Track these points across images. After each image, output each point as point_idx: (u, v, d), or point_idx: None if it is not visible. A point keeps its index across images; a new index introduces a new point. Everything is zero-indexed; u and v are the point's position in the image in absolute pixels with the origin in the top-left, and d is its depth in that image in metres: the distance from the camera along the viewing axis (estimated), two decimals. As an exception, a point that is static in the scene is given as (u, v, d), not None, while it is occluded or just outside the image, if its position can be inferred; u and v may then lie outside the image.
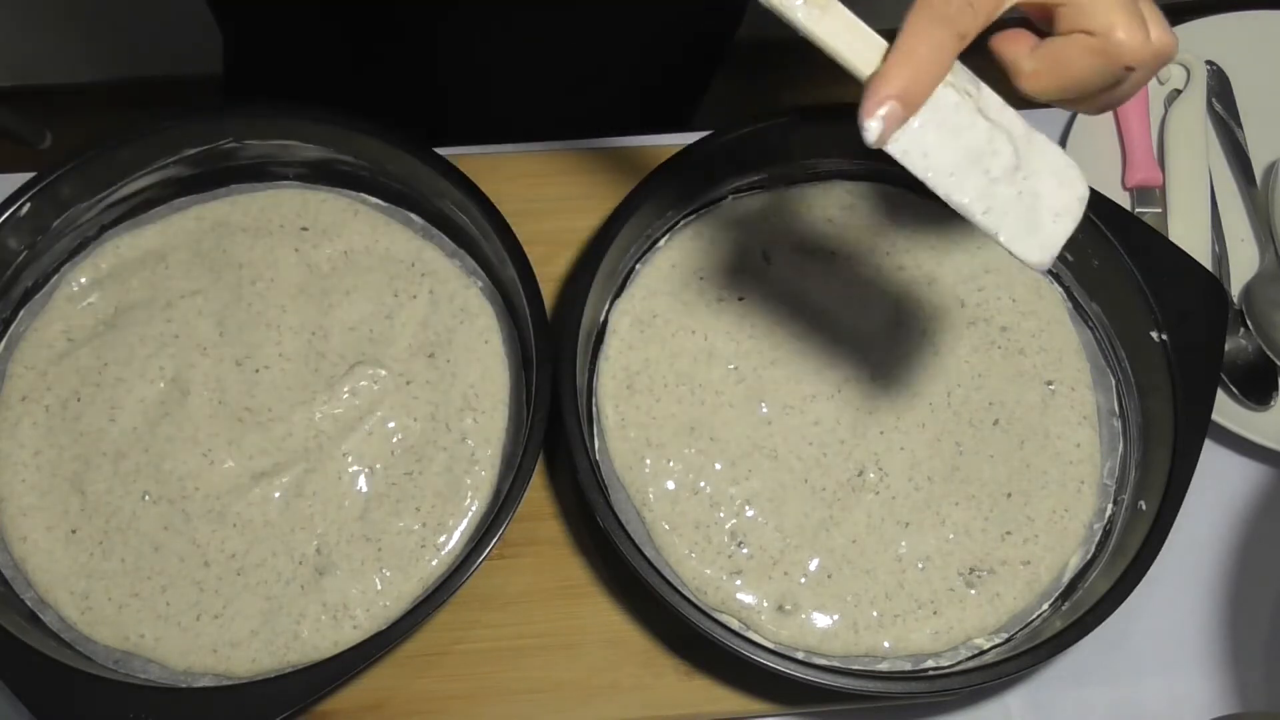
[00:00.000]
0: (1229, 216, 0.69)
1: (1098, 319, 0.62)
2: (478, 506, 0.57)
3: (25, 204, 0.57)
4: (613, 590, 0.58)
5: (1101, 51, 0.40)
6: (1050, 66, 0.41)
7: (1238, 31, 0.73)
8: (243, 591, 0.55)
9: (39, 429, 0.57)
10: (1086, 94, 0.42)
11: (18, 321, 0.60)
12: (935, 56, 0.39)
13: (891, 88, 0.38)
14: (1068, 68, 0.41)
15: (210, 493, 0.56)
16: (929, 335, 0.61)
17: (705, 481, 0.58)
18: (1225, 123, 0.71)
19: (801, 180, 0.64)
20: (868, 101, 0.38)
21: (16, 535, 0.56)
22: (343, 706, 0.56)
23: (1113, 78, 0.41)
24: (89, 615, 0.54)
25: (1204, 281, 0.59)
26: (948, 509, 0.58)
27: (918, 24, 0.39)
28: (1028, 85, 0.42)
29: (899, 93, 0.38)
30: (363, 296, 0.60)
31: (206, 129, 0.59)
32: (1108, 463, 0.59)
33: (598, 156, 0.67)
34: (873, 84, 0.38)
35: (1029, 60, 0.42)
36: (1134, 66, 0.41)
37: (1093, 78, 0.41)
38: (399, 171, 0.60)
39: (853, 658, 0.55)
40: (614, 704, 0.56)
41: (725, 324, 0.61)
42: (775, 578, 0.56)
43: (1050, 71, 0.41)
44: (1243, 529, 0.62)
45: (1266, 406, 0.63)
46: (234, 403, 0.58)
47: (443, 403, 0.58)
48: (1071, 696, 0.59)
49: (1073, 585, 0.57)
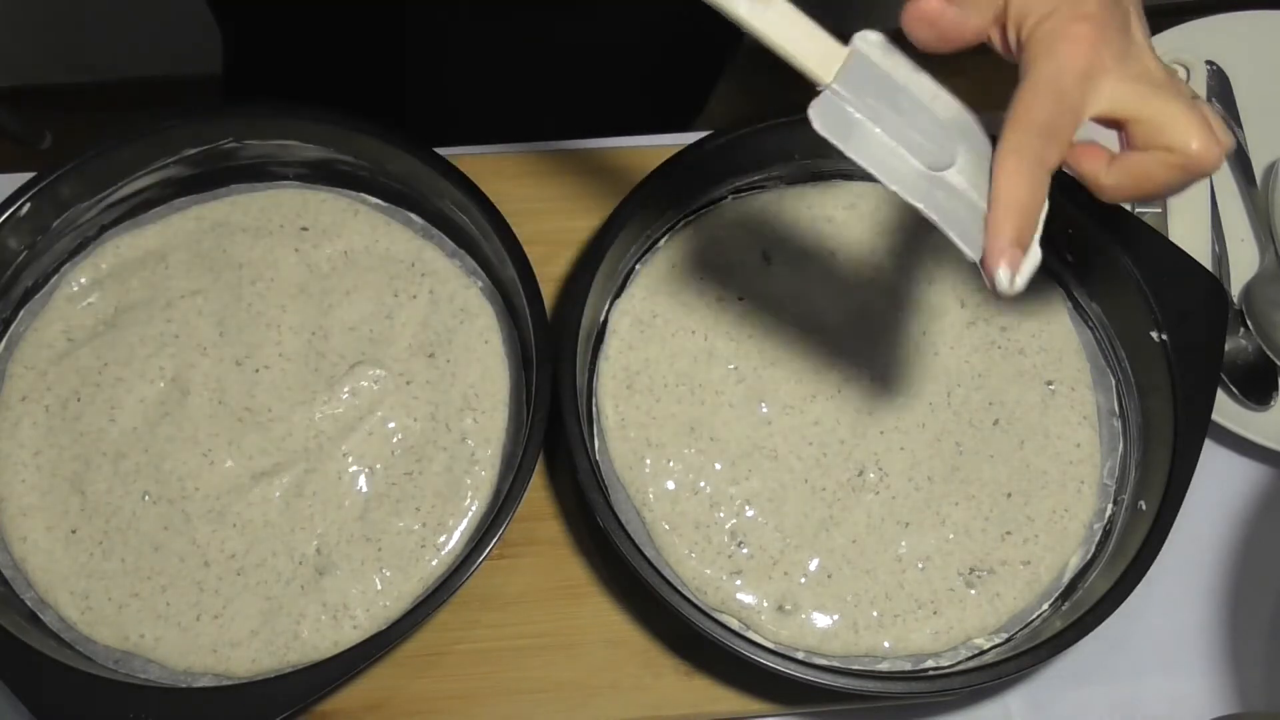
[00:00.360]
0: (1229, 216, 0.69)
1: (1098, 319, 0.62)
2: (478, 506, 0.57)
3: (25, 204, 0.57)
4: (613, 590, 0.58)
5: (1181, 167, 0.43)
6: (1132, 182, 0.44)
7: (1238, 31, 0.73)
8: (243, 591, 0.55)
9: (39, 429, 0.57)
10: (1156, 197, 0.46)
11: (18, 321, 0.60)
12: (1035, 195, 0.41)
13: (1006, 238, 0.40)
14: (1149, 182, 0.43)
15: (210, 493, 0.56)
16: (929, 335, 0.61)
17: (705, 481, 0.58)
18: (1225, 123, 0.71)
19: (801, 180, 0.64)
20: (991, 257, 0.40)
21: (16, 535, 0.56)
22: (343, 706, 0.56)
23: (1187, 184, 0.44)
24: (89, 615, 0.54)
25: (1204, 281, 0.59)
26: (948, 509, 0.58)
27: (1012, 168, 0.41)
28: (1109, 198, 0.44)
29: (1014, 239, 0.40)
30: (363, 296, 0.60)
31: (206, 129, 0.59)
32: (1108, 463, 0.59)
33: (598, 156, 0.67)
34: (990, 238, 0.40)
35: (1109, 176, 0.44)
36: (1209, 173, 0.43)
37: (1169, 188, 0.44)
38: (399, 171, 0.60)
39: (853, 658, 0.55)
40: (614, 704, 0.56)
41: (725, 324, 0.61)
42: (775, 578, 0.56)
43: (1132, 186, 0.44)
44: (1243, 529, 0.63)
45: (1266, 406, 0.63)
46: (234, 403, 0.58)
47: (443, 403, 0.58)
48: (1071, 696, 0.59)
49: (1073, 585, 0.57)
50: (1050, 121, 0.41)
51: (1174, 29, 0.72)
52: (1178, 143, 0.42)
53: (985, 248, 0.41)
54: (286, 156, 0.62)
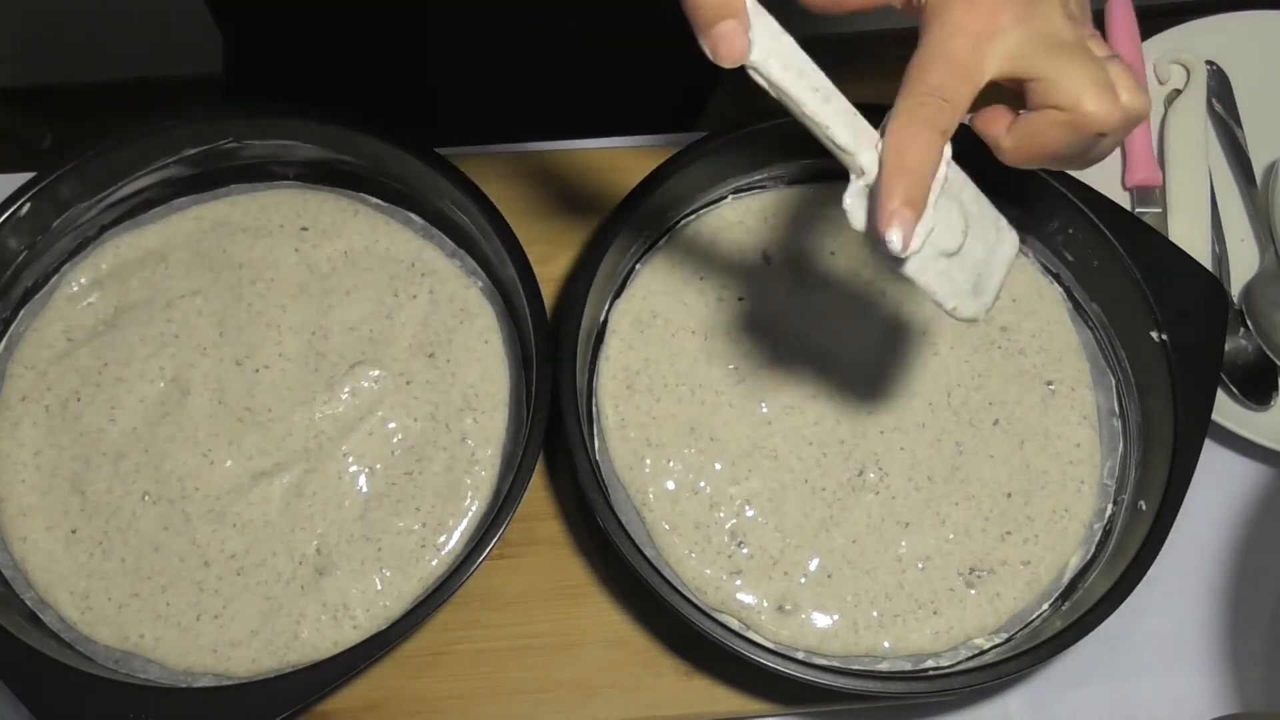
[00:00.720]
0: (1229, 216, 0.69)
1: (1098, 319, 0.62)
2: (478, 506, 0.57)
3: (25, 204, 0.57)
4: (613, 590, 0.58)
5: (1071, 124, 0.42)
6: (1026, 142, 0.43)
7: (1238, 31, 0.73)
8: (243, 591, 0.55)
9: (39, 429, 0.57)
10: (1064, 161, 0.44)
11: (18, 321, 0.60)
12: (925, 157, 0.40)
13: (895, 200, 0.40)
14: (1042, 142, 0.43)
15: (210, 493, 0.56)
16: (929, 335, 0.61)
17: (705, 481, 0.58)
18: (1225, 123, 0.71)
19: (801, 180, 0.64)
20: (880, 217, 0.40)
21: (16, 535, 0.56)
22: (343, 706, 0.56)
23: (1086, 145, 0.43)
24: (89, 615, 0.54)
25: (1204, 281, 0.59)
26: (948, 509, 0.58)
27: (902, 131, 0.40)
28: (1008, 160, 0.44)
29: (903, 201, 0.40)
30: (363, 296, 0.60)
31: (206, 129, 0.59)
32: (1108, 463, 0.59)
33: (598, 156, 0.67)
34: (879, 200, 0.40)
35: (1007, 138, 0.43)
36: (1104, 134, 0.42)
37: (1066, 148, 0.43)
38: (399, 171, 0.60)
39: (853, 658, 0.55)
40: (614, 704, 0.56)
41: (725, 324, 0.61)
42: (775, 578, 0.56)
43: (1027, 147, 0.43)
44: (1243, 529, 0.63)
45: (1266, 406, 0.63)
46: (234, 403, 0.58)
47: (443, 403, 0.58)
48: (1071, 696, 0.59)
49: (1073, 585, 0.57)
50: (941, 85, 0.41)
51: (1174, 29, 0.72)
52: (1068, 100, 0.41)
53: (875, 211, 0.40)
54: (286, 156, 0.62)
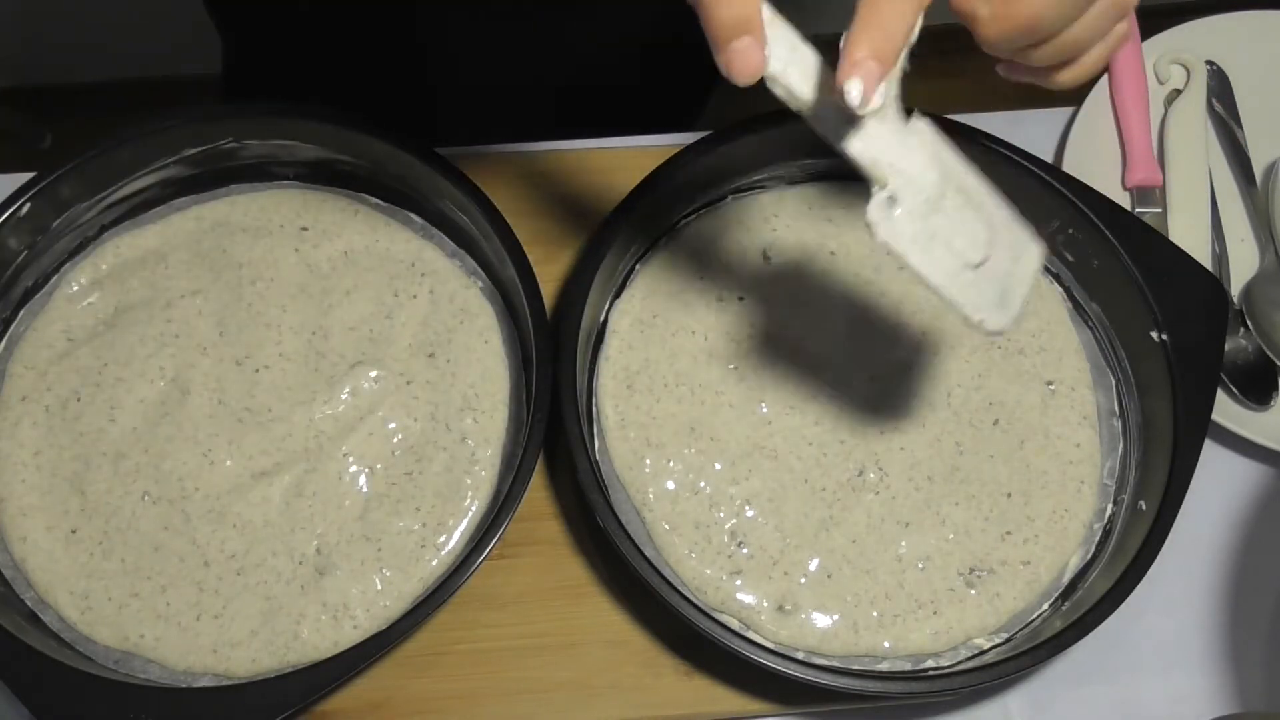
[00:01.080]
0: (1229, 216, 0.69)
1: (1098, 319, 0.62)
2: (478, 506, 0.57)
3: (25, 204, 0.57)
4: (613, 590, 0.58)
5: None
6: (1006, 6, 0.40)
7: (1238, 31, 0.73)
8: (243, 591, 0.55)
9: (39, 429, 0.57)
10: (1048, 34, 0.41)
11: (18, 321, 0.60)
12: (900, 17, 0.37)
13: (861, 50, 0.37)
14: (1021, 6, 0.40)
15: (210, 493, 0.56)
16: (929, 335, 0.61)
17: (705, 481, 0.58)
18: (1225, 123, 0.71)
19: (801, 180, 0.64)
20: (842, 68, 0.37)
21: (16, 535, 0.56)
22: (343, 706, 0.56)
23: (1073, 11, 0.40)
24: (89, 615, 0.54)
25: (1204, 281, 0.59)
26: (948, 509, 0.58)
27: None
28: (987, 31, 0.40)
29: (869, 53, 0.37)
30: (363, 296, 0.60)
31: (206, 129, 0.59)
32: (1108, 463, 0.59)
33: (598, 156, 0.67)
34: (846, 48, 0.37)
35: (985, 5, 0.40)
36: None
37: (1050, 13, 0.40)
38: (399, 171, 0.60)
39: (853, 658, 0.55)
40: (614, 704, 0.56)
41: (725, 324, 0.61)
42: (775, 578, 0.56)
43: (1006, 12, 0.40)
44: (1243, 529, 0.62)
45: (1266, 406, 0.63)
46: (234, 403, 0.58)
47: (443, 403, 0.58)
48: (1071, 696, 0.59)
49: (1073, 585, 0.57)
50: None
51: (1174, 29, 0.72)
52: None
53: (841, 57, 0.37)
54: (286, 156, 0.62)
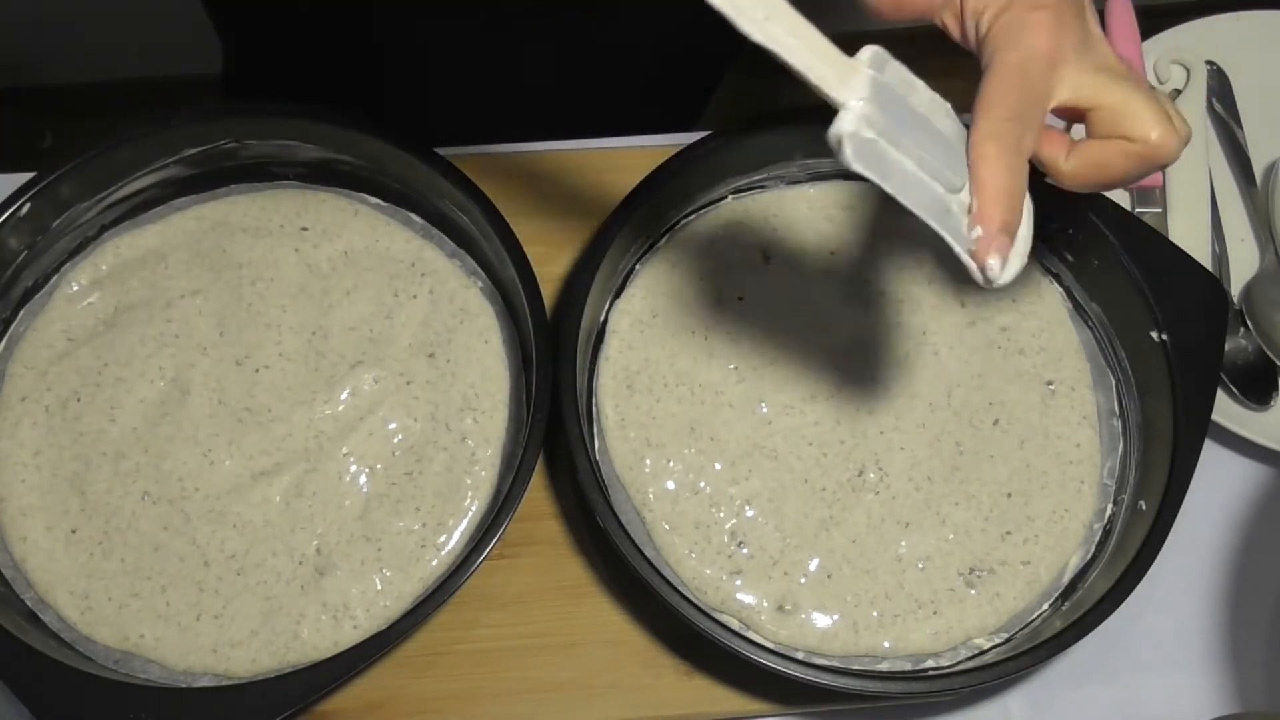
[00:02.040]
0: (1229, 216, 0.69)
1: (1098, 319, 0.62)
2: (478, 506, 0.57)
3: (25, 204, 0.57)
4: (613, 590, 0.58)
5: (1140, 155, 0.43)
6: (1090, 169, 0.44)
7: (1238, 31, 0.73)
8: (243, 591, 0.55)
9: (39, 429, 0.57)
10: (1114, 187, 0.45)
11: (18, 321, 0.60)
12: (1017, 181, 0.41)
13: (995, 225, 0.40)
14: (1108, 170, 0.44)
15: (210, 493, 0.56)
16: (929, 335, 0.61)
17: (705, 481, 0.58)
18: (1225, 123, 0.71)
19: (801, 180, 0.64)
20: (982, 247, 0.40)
21: (16, 535, 0.56)
22: (343, 706, 0.56)
23: (1146, 173, 0.44)
24: (89, 615, 0.54)
25: (1204, 281, 0.59)
26: (948, 509, 0.58)
27: (993, 154, 0.40)
28: (1067, 184, 0.44)
29: (1002, 226, 0.40)
30: (363, 296, 0.60)
31: (206, 129, 0.59)
32: (1108, 463, 0.59)
33: (598, 156, 0.67)
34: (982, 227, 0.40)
35: (1068, 163, 0.44)
36: (1168, 163, 0.44)
37: (1131, 176, 0.44)
38: (399, 171, 0.60)
39: (853, 658, 0.55)
40: (614, 704, 0.56)
41: (725, 324, 0.61)
42: (775, 578, 0.56)
43: (1090, 173, 0.44)
44: (1243, 529, 0.63)
45: (1266, 406, 0.63)
46: (234, 403, 0.58)
47: (443, 403, 0.58)
48: (1071, 696, 0.59)
49: (1073, 585, 0.57)
50: (1021, 107, 0.41)
51: (1174, 29, 0.72)
52: (1139, 132, 0.43)
53: (975, 238, 0.40)
54: (286, 156, 0.62)
